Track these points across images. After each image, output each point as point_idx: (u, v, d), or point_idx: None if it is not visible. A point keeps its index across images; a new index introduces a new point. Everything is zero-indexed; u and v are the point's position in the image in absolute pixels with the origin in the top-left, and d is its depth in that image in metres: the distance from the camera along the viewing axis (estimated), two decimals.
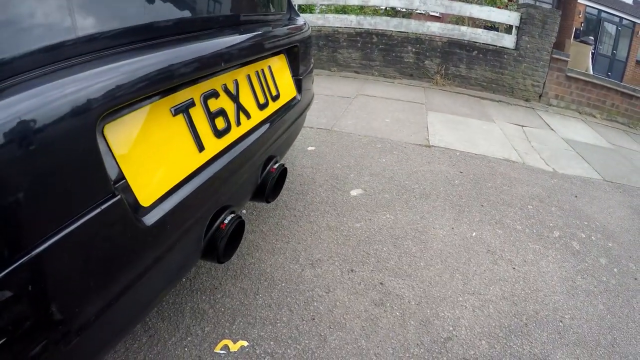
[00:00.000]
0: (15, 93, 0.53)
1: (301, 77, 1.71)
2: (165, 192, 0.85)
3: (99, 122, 0.65)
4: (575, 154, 3.61)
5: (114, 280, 0.71)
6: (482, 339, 1.42)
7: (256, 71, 1.35)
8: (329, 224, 1.96)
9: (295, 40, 1.61)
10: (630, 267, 1.96)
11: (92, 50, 0.70)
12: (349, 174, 2.52)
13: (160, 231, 0.82)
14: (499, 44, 5.51)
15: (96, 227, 0.65)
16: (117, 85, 0.68)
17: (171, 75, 0.84)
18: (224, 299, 1.46)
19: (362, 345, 1.33)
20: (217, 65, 1.02)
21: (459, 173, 2.75)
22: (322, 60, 5.93)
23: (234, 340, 1.30)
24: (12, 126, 0.50)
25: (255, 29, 1.30)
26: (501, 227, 2.13)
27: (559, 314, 1.58)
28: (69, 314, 0.62)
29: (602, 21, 15.88)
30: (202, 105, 1.02)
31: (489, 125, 4.02)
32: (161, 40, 0.87)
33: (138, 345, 1.25)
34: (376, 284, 1.60)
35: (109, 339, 0.79)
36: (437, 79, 5.60)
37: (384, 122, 3.63)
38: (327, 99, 4.21)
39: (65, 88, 0.59)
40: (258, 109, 1.31)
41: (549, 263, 1.89)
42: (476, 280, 1.70)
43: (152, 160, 0.83)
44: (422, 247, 1.87)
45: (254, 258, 1.68)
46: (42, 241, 0.56)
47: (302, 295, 1.51)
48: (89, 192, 0.64)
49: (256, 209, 2.04)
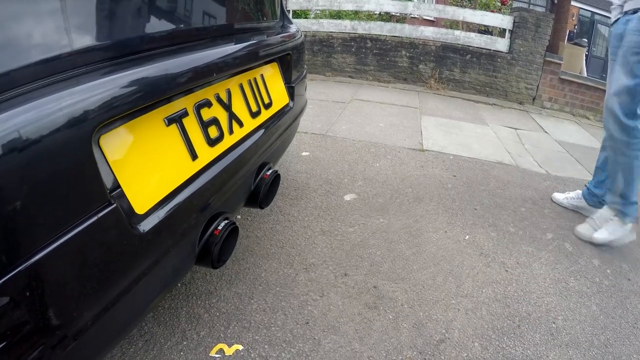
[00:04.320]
0: (13, 106, 0.55)
1: (294, 85, 1.73)
2: (160, 200, 0.87)
3: (95, 133, 0.67)
4: (568, 156, 3.64)
5: (110, 286, 0.73)
6: (475, 340, 1.43)
7: (248, 80, 1.37)
8: (322, 229, 1.98)
9: (287, 48, 1.63)
10: (624, 267, 1.99)
11: (87, 63, 0.72)
12: (342, 178, 2.54)
13: (155, 238, 0.83)
14: (493, 47, 5.55)
15: (92, 234, 0.67)
16: (113, 97, 0.70)
17: (165, 86, 0.86)
18: (219, 303, 1.48)
19: (355, 348, 1.35)
20: (210, 75, 1.05)
21: (452, 177, 2.77)
22: (316, 65, 5.95)
23: (229, 344, 1.31)
24: (10, 138, 0.52)
25: (248, 38, 1.32)
26: (494, 230, 2.15)
27: (551, 316, 1.60)
28: (66, 319, 0.64)
29: (595, 23, 15.99)
30: (195, 115, 1.04)
31: (482, 129, 4.05)
32: (155, 52, 0.89)
33: (134, 349, 1.26)
34: (370, 288, 1.62)
35: (105, 344, 0.81)
36: (431, 83, 5.63)
37: (378, 127, 3.66)
38: (321, 104, 4.23)
39: (62, 101, 0.61)
40: (250, 117, 1.33)
41: (542, 265, 1.91)
42: (469, 282, 1.72)
43: (147, 169, 0.85)
44: (415, 250, 1.89)
45: (248, 263, 1.69)
46: (40, 249, 0.57)
47: (296, 299, 1.52)
48: (85, 200, 0.66)
49: (251, 214, 2.05)
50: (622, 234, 2.12)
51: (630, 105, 1.94)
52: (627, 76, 1.94)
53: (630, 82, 1.92)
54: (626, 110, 1.95)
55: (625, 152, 2.02)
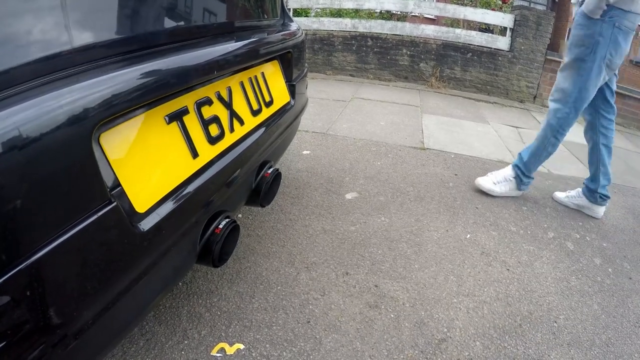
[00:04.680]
0: (13, 104, 0.54)
1: (295, 83, 1.72)
2: (161, 198, 0.87)
3: (95, 131, 0.67)
4: (569, 154, 3.64)
5: (110, 285, 0.73)
6: (477, 340, 1.43)
7: (249, 78, 1.36)
8: (324, 228, 1.98)
9: (288, 46, 1.63)
10: (625, 266, 1.98)
11: (88, 60, 0.71)
12: (344, 177, 2.54)
13: (156, 236, 0.83)
14: (494, 45, 5.54)
15: (93, 233, 0.67)
16: (113, 94, 0.70)
17: (165, 84, 0.85)
18: (220, 302, 1.47)
19: (357, 347, 1.35)
20: (210, 73, 1.04)
21: (453, 175, 2.77)
22: (317, 63, 5.94)
23: (230, 343, 1.31)
24: (10, 136, 0.52)
25: (248, 36, 1.32)
26: (495, 229, 2.15)
27: (553, 315, 1.60)
28: (66, 318, 0.63)
29: None
30: (195, 113, 1.03)
31: (483, 127, 4.04)
32: (155, 49, 0.88)
33: (135, 348, 1.26)
34: (371, 287, 1.62)
35: (106, 343, 0.80)
36: (432, 81, 5.63)
37: (379, 125, 3.65)
38: (322, 103, 4.23)
39: (62, 98, 0.61)
40: (251, 115, 1.33)
41: (544, 264, 1.90)
42: (470, 281, 1.71)
43: (148, 167, 0.85)
44: (416, 249, 1.89)
45: (249, 262, 1.69)
46: (40, 247, 0.57)
47: (297, 298, 1.52)
48: (85, 199, 0.66)
49: (252, 213, 2.05)
50: (514, 194, 2.55)
51: (572, 94, 2.19)
52: (570, 67, 2.18)
53: (574, 74, 2.16)
54: (568, 99, 2.22)
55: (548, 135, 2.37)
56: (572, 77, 2.17)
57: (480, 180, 2.55)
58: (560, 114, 2.25)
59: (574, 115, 2.23)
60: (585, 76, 2.11)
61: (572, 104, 2.20)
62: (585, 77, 2.11)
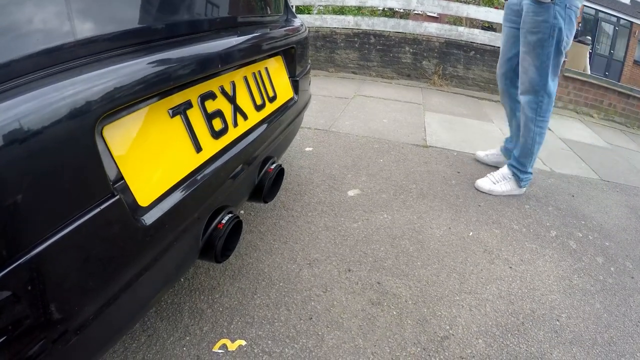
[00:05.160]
0: (15, 95, 0.54)
1: (298, 78, 1.72)
2: (164, 193, 0.86)
3: (98, 123, 0.66)
4: (572, 153, 3.62)
5: (112, 279, 0.72)
6: (479, 337, 1.43)
7: (253, 72, 1.36)
8: (326, 224, 1.97)
9: (292, 41, 1.62)
10: (627, 265, 1.97)
11: (90, 53, 0.70)
12: (346, 174, 2.53)
13: (159, 231, 0.82)
14: (497, 44, 5.50)
15: (95, 226, 0.66)
16: (116, 87, 0.69)
17: (169, 77, 0.85)
18: (222, 298, 1.47)
19: (359, 344, 1.34)
20: (214, 67, 1.03)
21: (456, 173, 2.76)
22: (319, 61, 5.93)
23: (232, 340, 1.31)
24: (12, 128, 0.51)
25: (252, 31, 1.31)
26: (498, 227, 2.14)
27: (555, 313, 1.59)
28: (67, 313, 0.63)
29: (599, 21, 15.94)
30: (199, 107, 1.03)
31: (486, 125, 4.03)
32: (159, 42, 0.88)
33: (137, 344, 1.26)
34: (373, 284, 1.61)
35: (107, 338, 0.80)
36: (435, 79, 5.61)
37: (382, 123, 3.64)
38: (324, 100, 4.22)
39: (64, 91, 0.60)
40: (255, 110, 1.32)
41: (546, 262, 1.90)
42: (473, 279, 1.71)
43: (151, 161, 0.84)
44: (419, 246, 1.88)
45: (252, 258, 1.68)
46: (41, 241, 0.56)
47: (299, 295, 1.52)
48: (88, 192, 0.65)
49: (254, 209, 2.05)
50: (517, 192, 2.56)
51: (539, 81, 2.20)
52: (529, 55, 2.19)
53: (536, 61, 2.18)
54: (536, 87, 2.23)
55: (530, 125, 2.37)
56: (534, 66, 2.19)
57: (480, 182, 2.56)
58: (535, 104, 2.28)
59: (549, 100, 2.26)
60: (547, 61, 2.14)
61: (542, 91, 2.23)
62: (547, 62, 2.15)
